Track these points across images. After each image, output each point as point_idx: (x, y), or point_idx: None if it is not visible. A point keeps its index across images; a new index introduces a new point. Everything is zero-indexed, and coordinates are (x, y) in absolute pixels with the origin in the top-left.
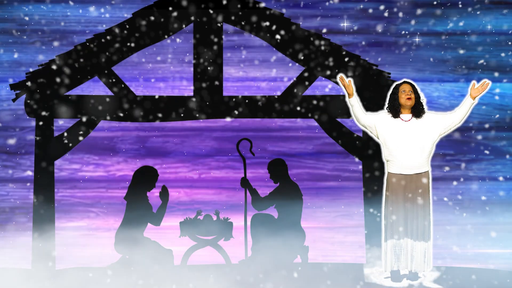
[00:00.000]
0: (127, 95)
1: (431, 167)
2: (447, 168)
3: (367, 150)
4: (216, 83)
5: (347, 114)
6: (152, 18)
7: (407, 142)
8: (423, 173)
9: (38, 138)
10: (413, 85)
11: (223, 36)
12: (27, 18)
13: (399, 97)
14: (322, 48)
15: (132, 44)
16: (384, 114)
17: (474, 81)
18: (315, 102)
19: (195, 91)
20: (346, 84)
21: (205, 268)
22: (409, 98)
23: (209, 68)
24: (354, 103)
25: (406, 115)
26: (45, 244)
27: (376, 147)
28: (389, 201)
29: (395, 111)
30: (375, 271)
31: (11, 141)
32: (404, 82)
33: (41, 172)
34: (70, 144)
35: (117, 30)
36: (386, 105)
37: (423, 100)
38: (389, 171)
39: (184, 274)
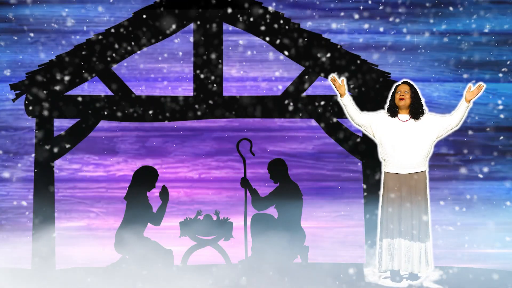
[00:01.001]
0: (127, 95)
1: (429, 167)
2: (447, 168)
3: (367, 150)
4: (216, 83)
5: None
6: (152, 18)
7: (403, 142)
8: (419, 172)
9: (38, 138)
10: (411, 86)
11: (223, 36)
12: (27, 18)
13: (394, 97)
14: (322, 48)
15: (132, 44)
16: (382, 114)
17: (470, 84)
18: (315, 102)
19: (195, 91)
20: (338, 84)
21: (205, 268)
22: (402, 99)
23: (209, 68)
24: (347, 102)
25: (404, 116)
26: (45, 244)
27: (376, 147)
28: (385, 200)
29: (392, 111)
30: (375, 271)
31: (11, 141)
32: (403, 82)
33: (41, 172)
34: (70, 144)
35: (117, 30)
36: (387, 105)
37: (422, 100)
38: (385, 170)
39: (184, 274)
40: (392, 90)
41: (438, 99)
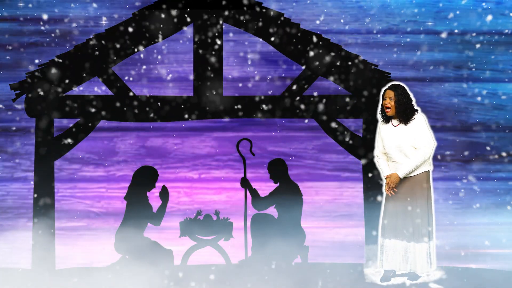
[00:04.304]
0: (127, 95)
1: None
2: (447, 168)
3: (367, 150)
4: (216, 83)
5: (347, 114)
6: (152, 18)
7: (397, 146)
8: (418, 175)
9: (38, 138)
10: (396, 90)
11: (223, 36)
12: (27, 18)
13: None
14: (322, 48)
15: (132, 44)
16: (380, 127)
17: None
18: (315, 102)
19: (195, 91)
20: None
21: (205, 268)
22: (387, 108)
23: (209, 68)
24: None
25: (395, 121)
26: (45, 244)
27: None
28: (386, 201)
29: (384, 118)
30: (375, 271)
31: (11, 141)
32: (388, 87)
33: (41, 172)
34: (70, 144)
35: (117, 30)
36: (379, 110)
37: (413, 101)
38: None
39: (184, 274)
40: (381, 96)
41: (438, 99)
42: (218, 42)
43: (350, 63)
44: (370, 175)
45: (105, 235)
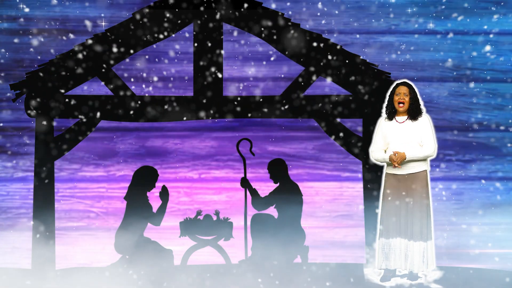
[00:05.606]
0: (127, 95)
1: (430, 167)
2: (447, 168)
3: (367, 150)
4: (216, 83)
5: (347, 114)
6: (152, 17)
7: (400, 143)
8: (417, 173)
9: (38, 138)
10: (410, 87)
11: (223, 36)
12: (27, 18)
13: (393, 99)
14: (322, 48)
15: (132, 44)
16: (381, 124)
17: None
18: (315, 102)
19: (195, 91)
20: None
21: (205, 268)
22: (401, 103)
23: (209, 68)
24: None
25: (401, 117)
26: (45, 244)
27: None
28: (384, 200)
29: (389, 114)
30: (375, 271)
31: (11, 141)
32: (402, 83)
33: (41, 172)
34: (70, 144)
35: (117, 30)
36: (385, 105)
37: (421, 100)
38: (386, 171)
39: (184, 274)
40: (391, 90)
41: (438, 99)
42: (218, 41)
43: (350, 63)
44: (370, 175)
45: (105, 235)
